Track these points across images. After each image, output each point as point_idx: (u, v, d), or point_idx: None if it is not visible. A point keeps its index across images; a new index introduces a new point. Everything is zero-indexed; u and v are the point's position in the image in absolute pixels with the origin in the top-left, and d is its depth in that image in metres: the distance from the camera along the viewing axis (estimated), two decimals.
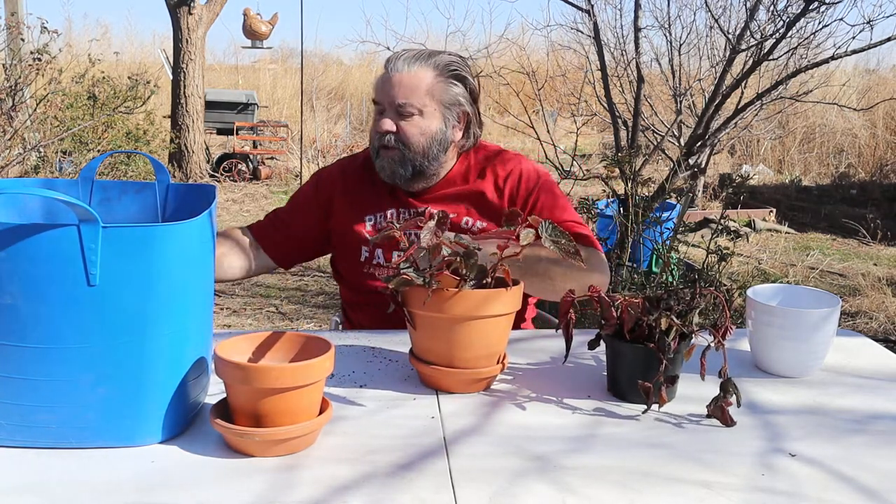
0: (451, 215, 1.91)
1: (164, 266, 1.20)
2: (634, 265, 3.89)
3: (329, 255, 2.13)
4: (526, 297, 1.97)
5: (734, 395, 1.38)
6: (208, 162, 9.62)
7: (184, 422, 1.28)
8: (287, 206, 2.08)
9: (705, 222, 6.61)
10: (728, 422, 1.36)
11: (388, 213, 1.98)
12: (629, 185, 3.86)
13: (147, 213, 1.50)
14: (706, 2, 5.08)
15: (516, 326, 1.90)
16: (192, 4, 7.82)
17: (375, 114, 1.92)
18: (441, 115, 1.88)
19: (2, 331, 1.16)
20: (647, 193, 4.34)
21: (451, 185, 1.97)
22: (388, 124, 1.86)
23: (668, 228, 4.04)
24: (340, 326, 2.37)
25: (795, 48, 4.86)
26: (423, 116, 1.87)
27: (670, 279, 3.82)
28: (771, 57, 4.13)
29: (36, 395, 1.18)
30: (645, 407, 1.40)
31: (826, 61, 3.98)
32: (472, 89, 1.93)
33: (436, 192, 1.97)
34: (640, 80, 4.30)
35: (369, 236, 1.96)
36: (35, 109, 4.76)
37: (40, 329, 1.16)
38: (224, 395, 1.25)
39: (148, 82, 5.68)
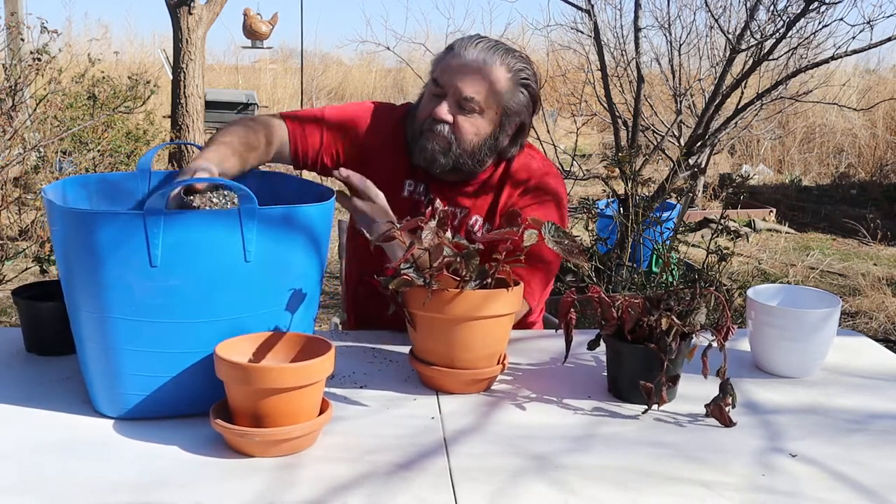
0: (462, 212, 1.86)
1: (302, 240, 1.35)
2: (634, 265, 3.89)
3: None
4: None
5: (731, 396, 1.38)
6: None
7: None
8: (330, 114, 1.89)
9: (705, 222, 6.60)
10: (727, 422, 1.36)
11: (421, 186, 1.87)
12: (629, 185, 3.85)
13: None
14: (706, 2, 5.07)
15: (522, 327, 1.88)
16: (192, 4, 7.81)
17: (430, 93, 1.78)
18: (499, 120, 1.77)
19: (168, 310, 1.27)
20: (647, 193, 4.34)
21: (479, 186, 1.87)
22: (445, 113, 1.73)
23: (668, 228, 4.04)
24: (340, 327, 2.37)
25: (795, 48, 4.85)
26: (482, 116, 1.75)
27: (670, 279, 3.82)
28: (771, 57, 4.12)
29: (183, 367, 1.30)
30: (645, 407, 1.41)
31: (826, 61, 3.98)
32: (535, 100, 1.82)
33: (464, 188, 1.87)
34: (640, 80, 4.29)
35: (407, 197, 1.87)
36: (35, 109, 4.76)
37: (201, 306, 1.28)
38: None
39: (148, 82, 5.67)
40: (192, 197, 1.38)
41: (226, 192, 1.42)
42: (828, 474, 1.22)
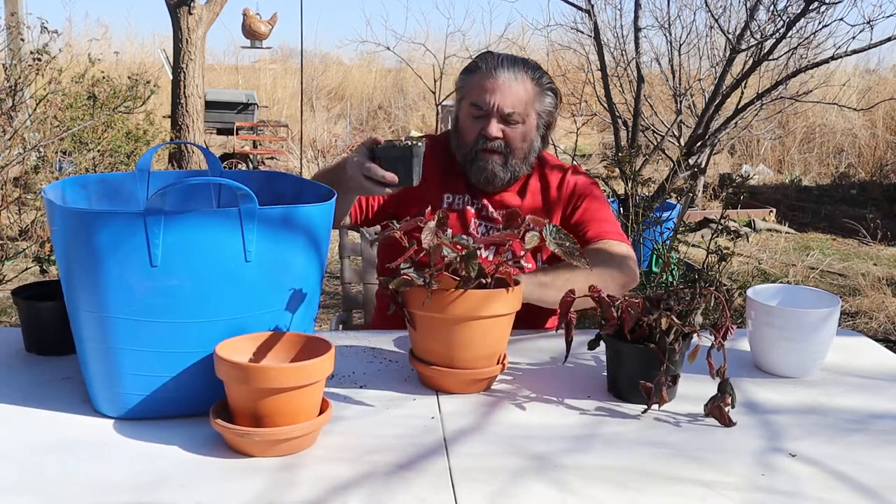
0: (499, 213, 2.03)
1: (302, 241, 1.34)
2: None
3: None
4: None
5: (731, 396, 1.38)
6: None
7: None
8: None
9: (705, 222, 6.61)
10: (726, 422, 1.36)
11: (465, 196, 2.04)
12: (629, 185, 3.86)
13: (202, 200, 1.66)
14: (706, 2, 5.08)
15: (540, 327, 1.94)
16: (192, 4, 7.81)
17: (470, 115, 1.96)
18: (536, 123, 1.98)
19: (168, 310, 1.26)
20: (647, 193, 4.34)
21: (522, 186, 2.06)
22: (497, 130, 1.93)
23: (668, 228, 4.04)
24: (341, 326, 2.37)
25: (795, 48, 4.85)
26: (524, 125, 1.95)
27: (670, 279, 3.82)
28: (771, 57, 4.13)
29: (183, 367, 1.30)
30: (645, 406, 1.40)
31: (826, 61, 3.98)
32: (560, 97, 2.03)
33: (508, 192, 2.04)
34: (640, 80, 4.30)
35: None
36: (35, 109, 4.76)
37: (201, 306, 1.28)
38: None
39: (148, 82, 5.67)
40: (383, 146, 1.63)
41: (410, 136, 1.59)
42: (828, 474, 1.22)
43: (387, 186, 1.65)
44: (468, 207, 2.02)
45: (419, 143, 1.63)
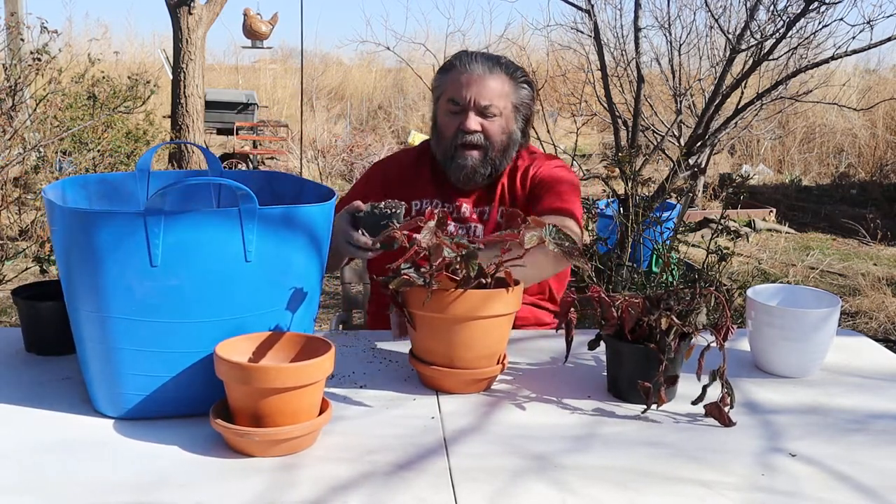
0: (476, 210, 2.05)
1: (303, 241, 1.35)
2: (634, 265, 3.89)
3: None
4: None
5: (730, 395, 1.38)
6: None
7: None
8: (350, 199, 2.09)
9: (705, 222, 6.61)
10: (726, 422, 1.36)
11: (434, 201, 2.06)
12: (629, 185, 3.85)
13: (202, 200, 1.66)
14: (706, 2, 5.07)
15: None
16: (192, 4, 7.81)
17: (448, 111, 1.99)
18: (514, 116, 2.00)
19: (168, 310, 1.27)
20: (647, 193, 4.34)
21: (494, 183, 2.06)
22: (475, 123, 1.95)
23: (668, 228, 4.04)
24: (341, 326, 2.37)
25: (795, 48, 4.84)
26: (502, 117, 1.97)
27: (670, 279, 3.82)
28: (771, 57, 4.12)
29: (183, 367, 1.30)
30: (644, 406, 1.40)
31: (826, 61, 3.97)
32: (535, 89, 2.07)
33: (477, 187, 2.06)
34: (640, 80, 4.29)
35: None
36: (35, 109, 4.76)
37: (201, 305, 1.28)
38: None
39: (148, 82, 5.67)
40: (365, 212, 1.66)
41: (389, 203, 1.66)
42: (828, 474, 1.22)
43: (370, 251, 1.70)
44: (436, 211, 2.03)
45: (398, 210, 1.67)
